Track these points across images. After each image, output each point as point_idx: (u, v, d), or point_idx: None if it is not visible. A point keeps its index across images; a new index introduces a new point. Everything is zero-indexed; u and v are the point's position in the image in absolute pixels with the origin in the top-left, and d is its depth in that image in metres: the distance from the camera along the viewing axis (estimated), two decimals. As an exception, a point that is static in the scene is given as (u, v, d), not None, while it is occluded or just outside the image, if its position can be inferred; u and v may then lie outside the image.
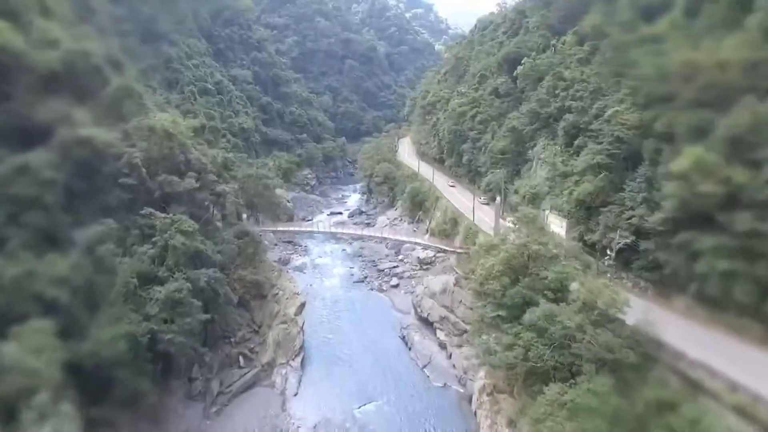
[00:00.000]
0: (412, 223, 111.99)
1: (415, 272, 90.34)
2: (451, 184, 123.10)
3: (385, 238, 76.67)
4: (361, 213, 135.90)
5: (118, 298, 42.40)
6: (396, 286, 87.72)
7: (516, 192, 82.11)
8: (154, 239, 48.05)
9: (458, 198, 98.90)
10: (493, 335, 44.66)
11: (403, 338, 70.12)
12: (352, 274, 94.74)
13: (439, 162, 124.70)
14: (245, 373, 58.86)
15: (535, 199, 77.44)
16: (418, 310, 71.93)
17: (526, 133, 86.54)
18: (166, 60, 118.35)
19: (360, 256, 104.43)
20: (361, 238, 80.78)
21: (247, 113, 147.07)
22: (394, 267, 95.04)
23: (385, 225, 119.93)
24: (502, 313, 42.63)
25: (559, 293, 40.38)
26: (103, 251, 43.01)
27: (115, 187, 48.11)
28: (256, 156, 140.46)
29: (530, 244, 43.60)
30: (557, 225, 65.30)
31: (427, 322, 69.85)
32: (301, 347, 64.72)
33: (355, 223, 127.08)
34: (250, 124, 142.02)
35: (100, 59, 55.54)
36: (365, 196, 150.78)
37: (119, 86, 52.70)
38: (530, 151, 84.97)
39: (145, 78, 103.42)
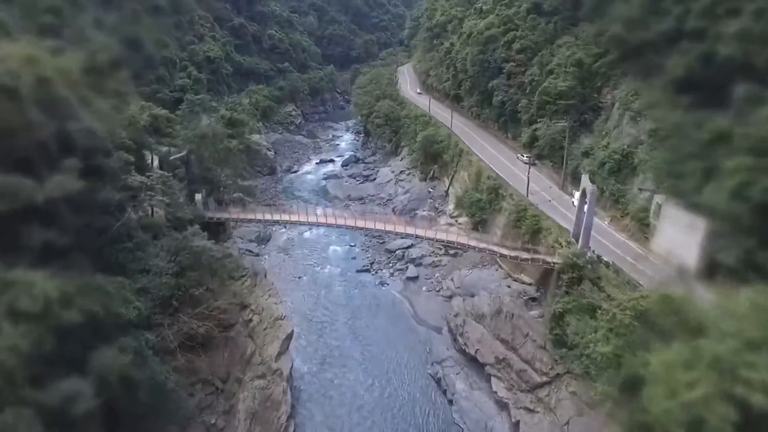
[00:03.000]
0: (425, 180, 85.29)
1: (439, 258, 64.99)
2: (419, 91, 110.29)
3: (415, 236, 48.98)
4: (357, 161, 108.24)
5: None
6: (414, 278, 62.57)
7: (587, 155, 55.40)
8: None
9: (486, 149, 72.04)
10: None
11: (437, 381, 45.97)
12: (354, 257, 69.27)
13: (453, 99, 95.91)
14: (199, 484, 34.58)
15: (620, 169, 51.04)
16: (459, 339, 47.24)
17: (596, 69, 58.46)
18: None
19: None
20: (371, 231, 51.17)
21: (214, 38, 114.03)
22: (409, 247, 69.38)
23: (390, 180, 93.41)
24: None
25: None
26: None
27: None
28: (228, 92, 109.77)
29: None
30: (679, 225, 39.66)
31: (473, 360, 45.39)
32: (290, 417, 40.30)
33: (351, 176, 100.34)
34: (218, 52, 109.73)
35: None
36: (360, 136, 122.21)
37: None
38: (606, 97, 57.41)
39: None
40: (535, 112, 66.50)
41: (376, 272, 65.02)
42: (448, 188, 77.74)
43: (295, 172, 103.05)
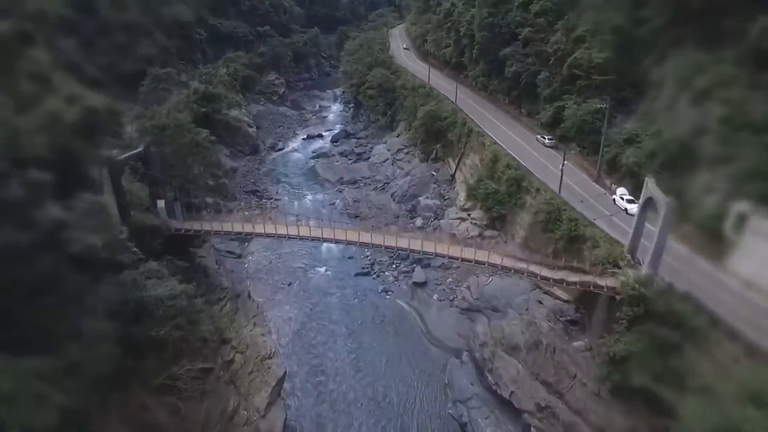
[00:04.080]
0: (426, 161, 74.92)
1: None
2: (405, 47, 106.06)
3: (435, 255, 37.64)
4: (348, 136, 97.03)
5: None
6: (423, 284, 53.31)
7: (630, 143, 45.57)
8: None
9: (498, 128, 62.17)
10: None
11: (461, 425, 37.30)
12: (350, 256, 59.47)
13: (455, 68, 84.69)
14: None
15: (676, 163, 41.47)
16: (488, 376, 38.34)
17: (639, 36, 47.74)
18: None
19: (357, 217, 68.40)
20: (378, 247, 39.61)
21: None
22: (413, 243, 59.62)
23: (386, 159, 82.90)
24: None
25: None
26: None
27: None
28: (202, 60, 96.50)
29: None
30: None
31: (506, 403, 36.60)
32: (284, 494, 31.41)
33: (342, 154, 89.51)
34: (189, 16, 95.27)
35: None
36: (350, 107, 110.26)
37: None
38: (653, 71, 47.14)
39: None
40: (558, 86, 56.23)
41: (378, 275, 55.63)
42: (455, 172, 67.74)
43: (280, 149, 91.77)
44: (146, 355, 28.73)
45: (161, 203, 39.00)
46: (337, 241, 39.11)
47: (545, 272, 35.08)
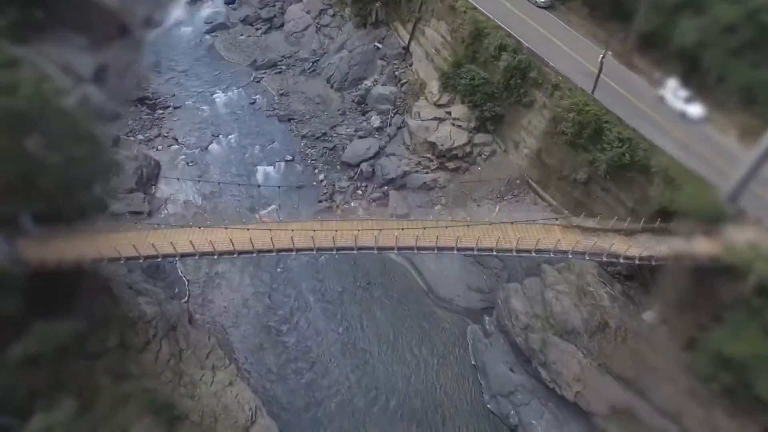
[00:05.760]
0: (364, 26, 55.90)
1: (432, 173, 42.18)
2: None
3: (476, 250, 23.65)
4: (247, -7, 71.53)
5: None
6: (404, 216, 40.70)
7: (686, 7, 31.63)
8: None
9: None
10: None
11: (511, 428, 29.08)
12: (301, 184, 44.40)
13: None
14: None
15: (763, 44, 28.83)
16: (542, 372, 28.92)
17: None
18: None
19: (291, 119, 51.35)
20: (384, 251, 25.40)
21: None
22: (376, 156, 45.34)
23: (308, 26, 62.68)
24: None
25: None
26: None
27: None
28: None
29: None
30: None
31: (567, 404, 28.16)
32: None
33: (245, 21, 67.08)
34: None
35: None
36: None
37: None
38: None
39: None
40: None
41: (343, 210, 42.02)
42: (409, 44, 50.61)
43: (159, 24, 65.96)
44: None
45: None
46: (319, 250, 24.51)
47: (633, 250, 23.80)
